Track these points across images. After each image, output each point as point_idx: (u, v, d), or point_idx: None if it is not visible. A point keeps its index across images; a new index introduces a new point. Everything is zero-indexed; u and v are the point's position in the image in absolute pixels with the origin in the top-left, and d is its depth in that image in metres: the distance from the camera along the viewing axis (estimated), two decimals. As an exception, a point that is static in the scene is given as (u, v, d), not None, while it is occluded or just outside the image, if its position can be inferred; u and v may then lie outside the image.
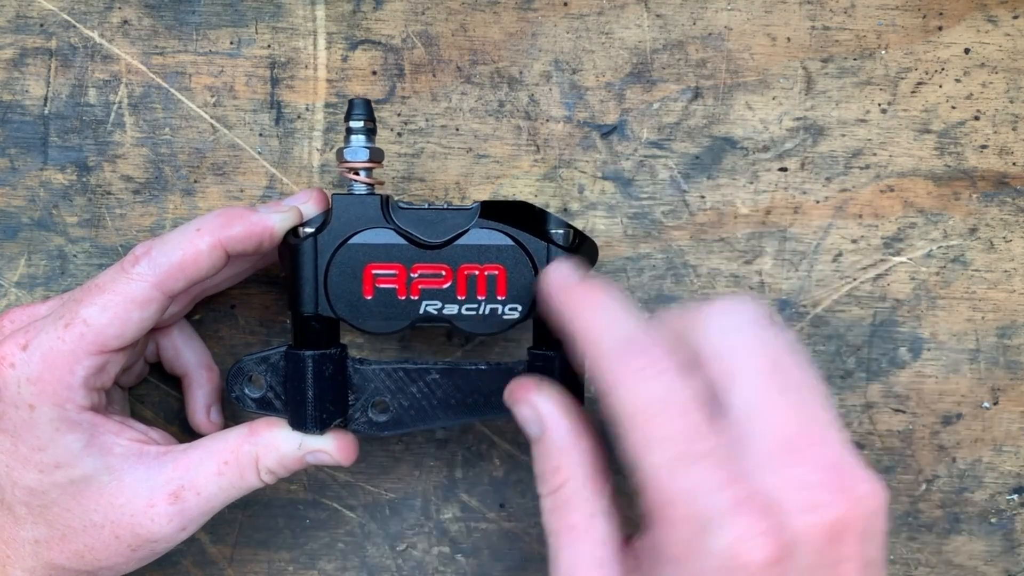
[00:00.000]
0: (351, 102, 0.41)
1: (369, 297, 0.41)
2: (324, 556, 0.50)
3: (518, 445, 0.50)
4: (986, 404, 0.49)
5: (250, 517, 0.50)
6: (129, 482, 0.40)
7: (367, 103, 0.41)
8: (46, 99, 0.47)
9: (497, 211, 0.41)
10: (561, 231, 0.41)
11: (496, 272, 0.41)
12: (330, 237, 0.41)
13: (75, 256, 0.48)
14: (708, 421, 0.30)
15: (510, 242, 0.41)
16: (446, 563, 0.50)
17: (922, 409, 0.49)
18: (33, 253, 0.48)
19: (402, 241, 0.41)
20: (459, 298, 0.41)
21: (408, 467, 0.50)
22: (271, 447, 0.42)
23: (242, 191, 0.48)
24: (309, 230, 0.41)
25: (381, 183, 0.42)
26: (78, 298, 0.40)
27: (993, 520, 0.50)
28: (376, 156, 0.41)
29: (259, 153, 0.48)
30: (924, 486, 0.50)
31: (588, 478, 0.35)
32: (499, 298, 0.41)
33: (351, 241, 0.41)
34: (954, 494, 0.50)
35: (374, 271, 0.41)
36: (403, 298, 0.41)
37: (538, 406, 0.37)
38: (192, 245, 0.40)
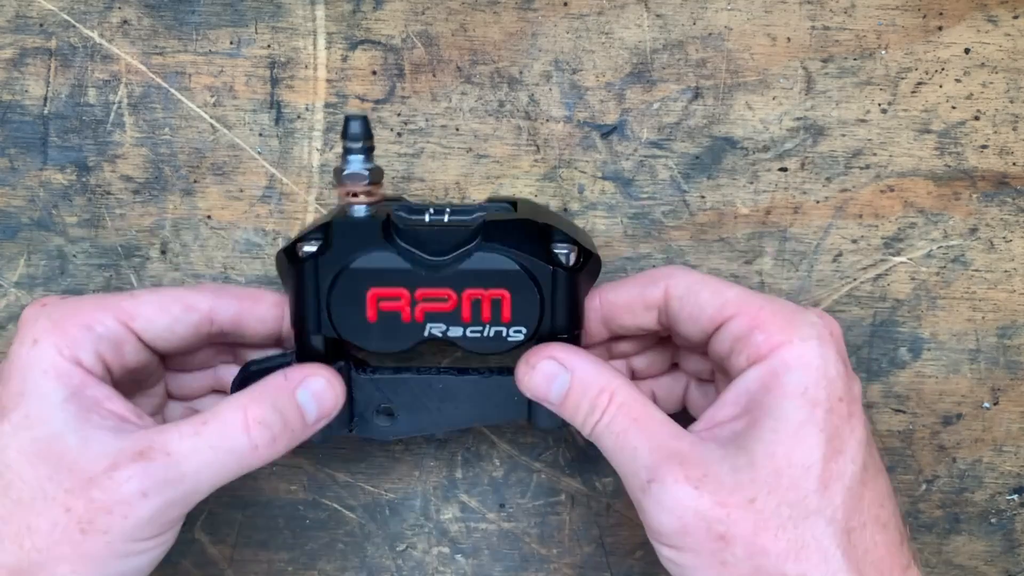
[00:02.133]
0: (347, 119, 0.39)
1: (373, 321, 0.40)
2: (324, 556, 0.50)
3: (518, 445, 0.50)
4: (986, 404, 0.49)
5: (250, 517, 0.50)
6: (92, 445, 0.36)
7: (365, 121, 0.39)
8: (46, 99, 0.47)
9: (501, 230, 0.40)
10: (565, 250, 0.40)
11: (501, 297, 0.40)
12: (331, 260, 0.40)
13: (75, 256, 0.48)
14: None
15: (515, 266, 0.40)
16: (446, 563, 0.50)
17: (922, 409, 0.49)
18: (33, 253, 0.48)
19: (405, 264, 0.39)
20: (464, 321, 0.40)
21: (408, 467, 0.50)
22: (257, 393, 0.38)
23: (242, 191, 0.48)
24: (310, 249, 0.40)
25: (382, 199, 0.41)
26: (135, 293, 0.41)
27: (993, 520, 0.50)
28: (376, 177, 0.40)
29: (259, 153, 0.48)
30: (924, 486, 0.50)
31: (629, 387, 0.38)
32: (504, 322, 0.40)
33: (353, 265, 0.39)
34: (954, 494, 0.50)
35: (378, 295, 0.40)
36: (408, 322, 0.40)
37: (556, 355, 0.39)
38: (260, 291, 0.42)
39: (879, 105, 0.48)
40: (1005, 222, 0.48)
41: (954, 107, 0.48)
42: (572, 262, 0.41)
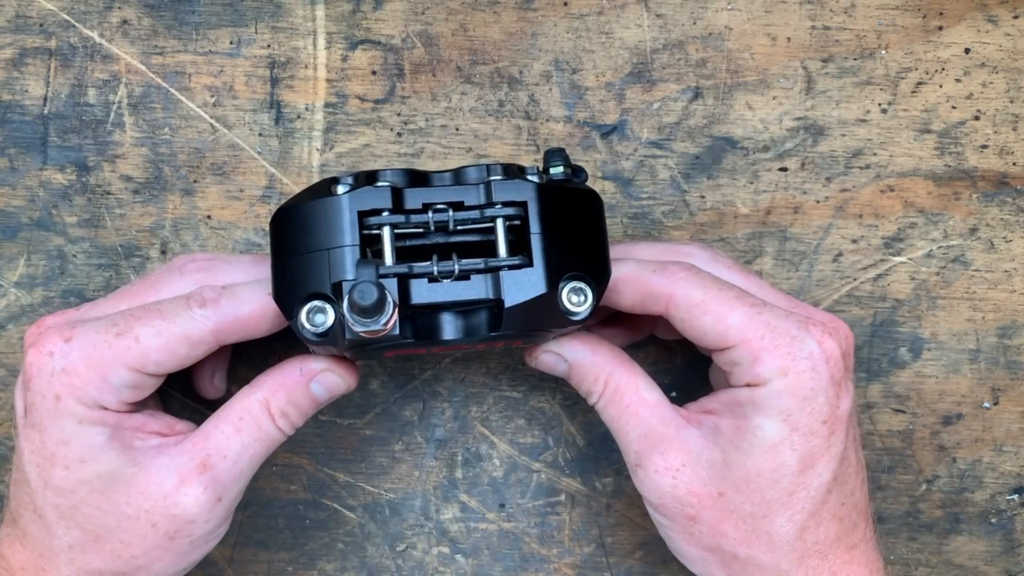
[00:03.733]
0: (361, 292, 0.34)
1: (389, 356, 0.40)
2: (324, 556, 0.50)
3: (518, 445, 0.50)
4: (986, 404, 0.49)
5: (250, 517, 0.50)
6: (155, 469, 0.40)
7: (380, 295, 0.35)
8: (46, 99, 0.47)
9: (518, 316, 0.38)
10: (579, 306, 0.39)
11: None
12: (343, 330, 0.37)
13: (75, 256, 0.48)
14: (745, 290, 0.41)
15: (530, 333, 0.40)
16: (446, 563, 0.50)
17: (922, 409, 0.49)
18: (33, 253, 0.48)
19: (419, 343, 0.38)
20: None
21: (408, 467, 0.50)
22: (275, 387, 0.41)
23: (242, 191, 0.48)
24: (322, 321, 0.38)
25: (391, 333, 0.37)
26: (136, 315, 0.39)
27: (993, 520, 0.50)
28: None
29: (259, 153, 0.48)
30: (924, 486, 0.50)
31: (623, 371, 0.42)
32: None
33: (368, 346, 0.38)
34: (954, 494, 0.50)
35: (394, 354, 0.41)
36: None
37: (552, 348, 0.42)
38: (260, 306, 0.40)
39: (879, 105, 0.48)
40: (1005, 222, 0.48)
41: (954, 107, 0.48)
42: (587, 315, 0.39)
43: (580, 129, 0.48)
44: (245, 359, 0.48)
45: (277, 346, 0.46)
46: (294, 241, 0.38)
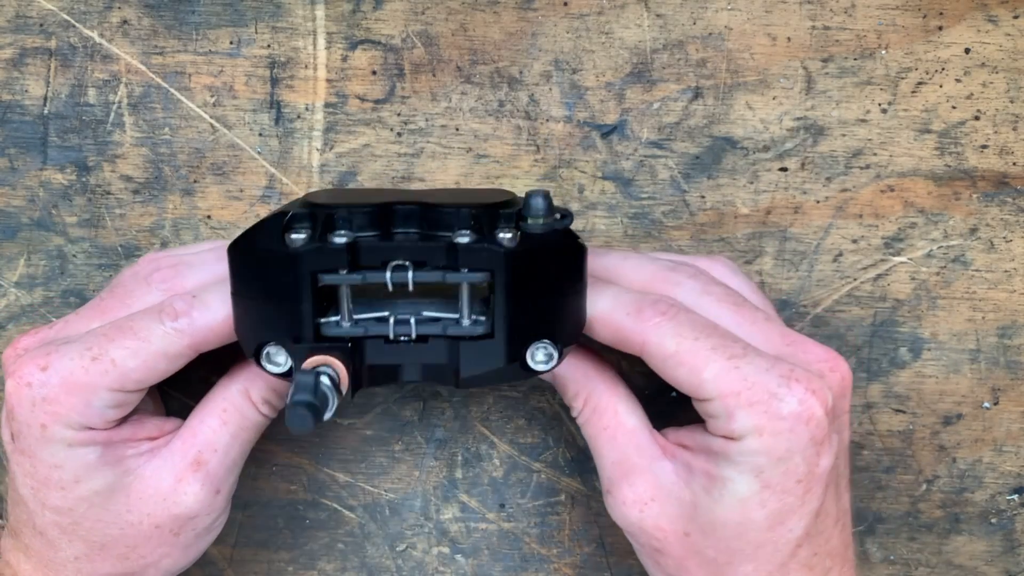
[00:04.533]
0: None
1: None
2: (324, 556, 0.50)
3: (518, 445, 0.50)
4: (986, 404, 0.49)
5: (250, 517, 0.50)
6: (150, 474, 0.40)
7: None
8: (46, 99, 0.47)
9: (476, 380, 0.38)
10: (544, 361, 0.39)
11: None
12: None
13: (75, 256, 0.48)
14: (728, 334, 0.38)
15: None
16: (446, 563, 0.50)
17: (922, 409, 0.49)
18: (32, 253, 0.48)
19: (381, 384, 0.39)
20: None
21: (408, 467, 0.50)
22: (253, 376, 0.41)
23: (242, 191, 0.48)
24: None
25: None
26: (108, 334, 0.39)
27: (993, 520, 0.50)
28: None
29: (259, 153, 0.48)
30: (924, 486, 0.50)
31: (604, 390, 0.41)
32: None
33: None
34: (954, 494, 0.50)
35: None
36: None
37: None
38: (230, 313, 0.39)
39: (879, 105, 0.48)
40: (1005, 222, 0.48)
41: (954, 107, 0.48)
42: (553, 368, 0.38)
43: (580, 129, 0.48)
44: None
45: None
46: (250, 282, 0.38)
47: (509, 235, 0.37)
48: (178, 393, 0.48)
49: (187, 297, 0.39)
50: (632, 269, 0.41)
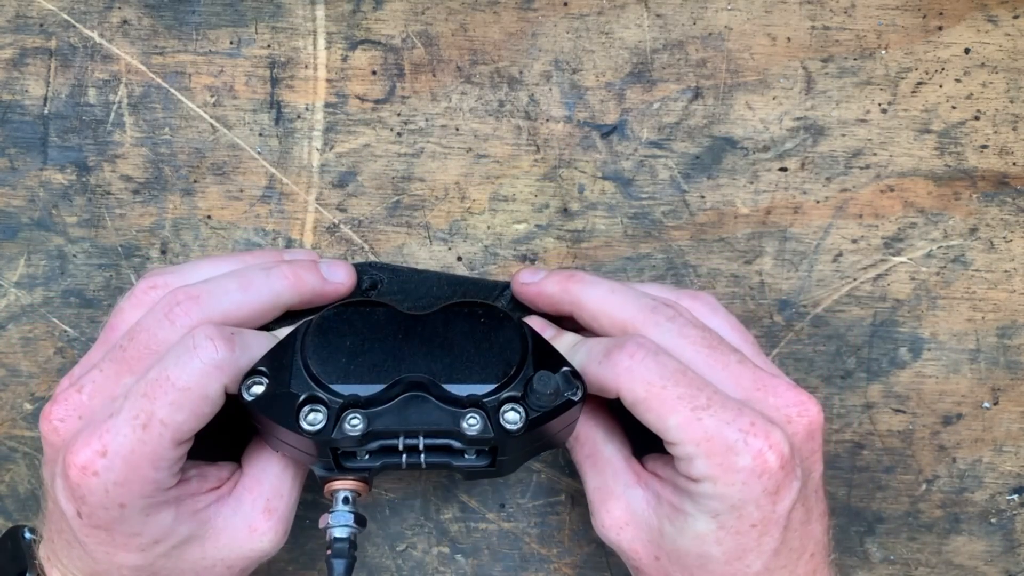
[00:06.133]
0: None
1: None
2: (324, 556, 0.50)
3: (518, 445, 0.50)
4: (986, 404, 0.49)
5: (250, 517, 0.50)
6: (223, 524, 0.41)
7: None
8: (46, 99, 0.47)
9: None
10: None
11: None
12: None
13: (75, 256, 0.48)
14: (697, 381, 0.39)
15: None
16: (446, 563, 0.50)
17: (922, 409, 0.49)
18: (33, 253, 0.48)
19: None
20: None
21: (408, 467, 0.50)
22: None
23: (242, 191, 0.48)
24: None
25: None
26: (148, 394, 0.38)
27: (993, 520, 0.50)
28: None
29: (259, 153, 0.48)
30: (924, 486, 0.50)
31: (585, 420, 0.43)
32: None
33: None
34: (954, 494, 0.50)
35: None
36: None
37: None
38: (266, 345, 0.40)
39: (879, 105, 0.48)
40: (1005, 222, 0.48)
41: (954, 107, 0.48)
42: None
43: (580, 129, 0.48)
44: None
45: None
46: (275, 433, 0.40)
47: (516, 418, 0.39)
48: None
49: (224, 331, 0.39)
50: (616, 307, 0.42)
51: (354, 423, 0.38)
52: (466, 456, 0.40)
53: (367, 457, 0.40)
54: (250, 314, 0.41)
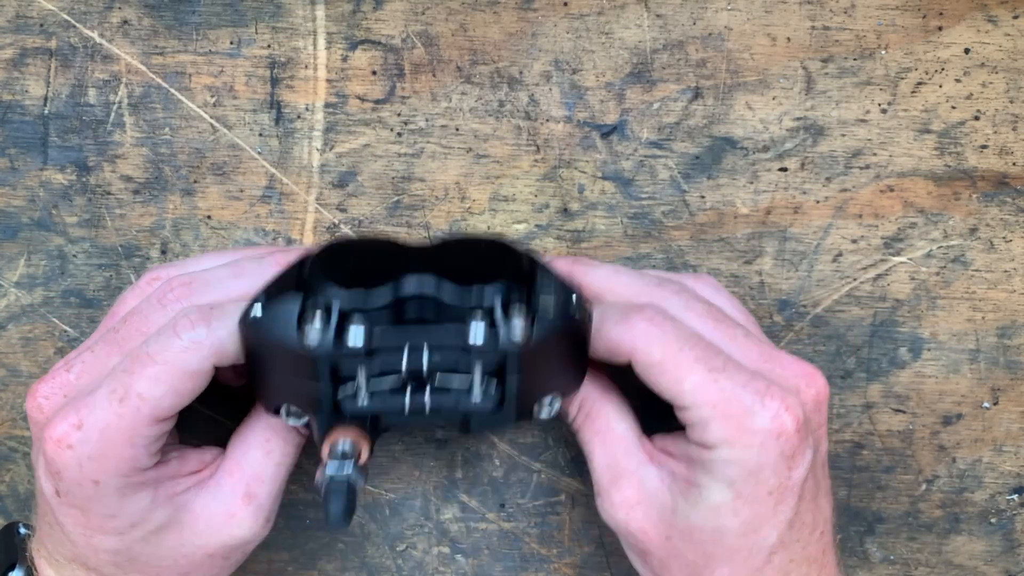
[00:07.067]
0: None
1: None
2: (324, 556, 0.50)
3: (518, 445, 0.50)
4: (986, 404, 0.49)
5: (250, 517, 0.50)
6: (201, 509, 0.41)
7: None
8: (46, 99, 0.47)
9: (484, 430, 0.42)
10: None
11: None
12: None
13: (75, 256, 0.48)
14: (711, 346, 0.39)
15: None
16: (446, 563, 0.50)
17: (922, 409, 0.49)
18: (33, 253, 0.48)
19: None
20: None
21: (408, 467, 0.50)
22: None
23: (242, 191, 0.48)
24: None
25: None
26: (128, 368, 0.38)
27: (993, 520, 0.50)
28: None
29: (259, 153, 0.48)
30: (924, 486, 0.50)
31: (597, 396, 0.43)
32: None
33: None
34: (954, 494, 0.50)
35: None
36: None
37: None
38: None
39: (879, 105, 0.48)
40: (1005, 222, 0.48)
41: (954, 107, 0.48)
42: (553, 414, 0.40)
43: (580, 129, 0.48)
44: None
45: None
46: (269, 360, 0.38)
47: (520, 328, 0.37)
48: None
49: (203, 308, 0.38)
50: (621, 284, 0.42)
51: (356, 335, 0.37)
52: (472, 395, 0.38)
53: (368, 401, 0.38)
54: (242, 299, 0.40)
